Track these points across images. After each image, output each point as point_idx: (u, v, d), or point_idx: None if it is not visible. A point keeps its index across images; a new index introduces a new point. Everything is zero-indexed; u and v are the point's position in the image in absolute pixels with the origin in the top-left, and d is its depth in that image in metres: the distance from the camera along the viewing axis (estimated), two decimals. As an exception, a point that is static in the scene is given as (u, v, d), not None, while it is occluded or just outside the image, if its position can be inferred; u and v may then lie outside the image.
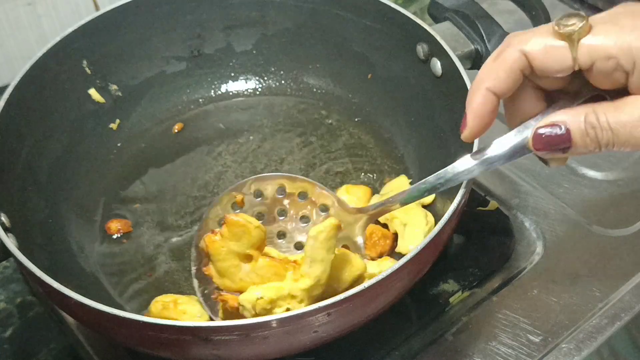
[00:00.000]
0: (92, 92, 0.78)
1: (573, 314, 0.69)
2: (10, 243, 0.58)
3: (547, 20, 0.72)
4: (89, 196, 0.76)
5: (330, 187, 0.76)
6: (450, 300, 0.70)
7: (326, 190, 0.64)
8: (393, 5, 0.75)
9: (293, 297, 0.55)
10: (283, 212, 0.67)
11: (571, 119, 0.45)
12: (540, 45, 0.46)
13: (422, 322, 0.69)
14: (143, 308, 0.67)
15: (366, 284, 0.53)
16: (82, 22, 0.75)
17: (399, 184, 0.75)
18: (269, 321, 0.52)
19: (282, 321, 0.52)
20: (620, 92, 0.46)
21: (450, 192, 0.60)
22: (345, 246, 0.64)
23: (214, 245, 0.58)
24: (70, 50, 0.75)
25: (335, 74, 0.85)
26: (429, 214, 0.71)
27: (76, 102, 0.77)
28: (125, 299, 0.68)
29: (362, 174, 0.77)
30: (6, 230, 0.60)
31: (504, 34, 0.71)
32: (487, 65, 0.48)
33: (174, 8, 0.81)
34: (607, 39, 0.44)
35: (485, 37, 0.71)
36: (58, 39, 0.73)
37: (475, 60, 0.72)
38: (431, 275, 0.64)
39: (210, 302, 0.62)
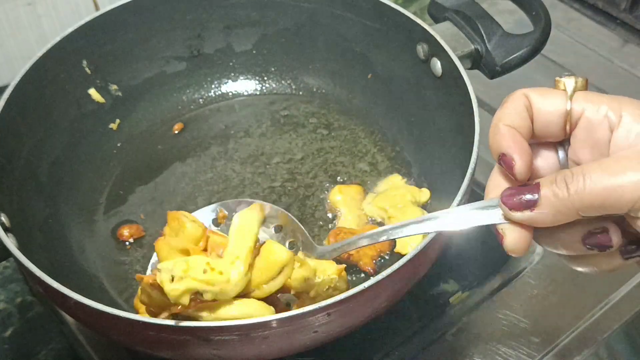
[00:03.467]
0: (92, 92, 0.78)
1: (573, 314, 0.69)
2: (10, 243, 0.58)
3: (547, 20, 0.72)
4: (89, 196, 0.76)
5: (330, 187, 0.76)
6: (450, 300, 0.70)
7: (300, 225, 0.63)
8: (393, 5, 0.75)
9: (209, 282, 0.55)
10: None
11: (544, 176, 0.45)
12: (540, 90, 0.48)
13: (422, 322, 0.69)
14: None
15: (366, 283, 0.53)
16: (82, 22, 0.75)
17: (393, 182, 0.75)
18: (269, 321, 0.52)
19: (282, 321, 0.52)
20: None
21: (449, 192, 0.60)
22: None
23: (158, 244, 0.58)
24: (70, 50, 0.75)
25: (335, 74, 0.85)
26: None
27: (76, 102, 0.77)
28: (125, 299, 0.69)
29: (362, 173, 0.77)
30: (6, 230, 0.60)
31: (504, 34, 0.71)
32: (496, 112, 0.48)
33: (174, 8, 0.81)
34: (600, 95, 0.46)
35: (485, 37, 0.71)
36: (58, 39, 0.73)
37: (475, 60, 0.72)
38: (431, 275, 0.64)
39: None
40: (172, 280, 0.54)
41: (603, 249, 0.44)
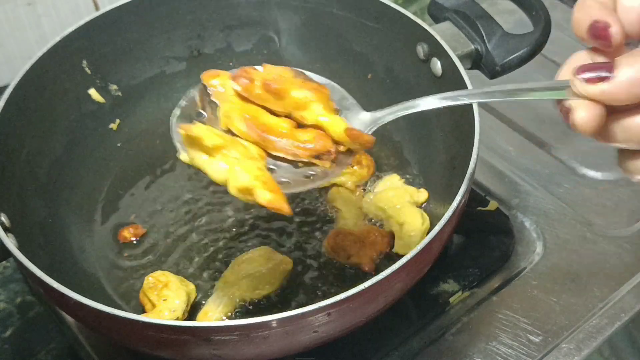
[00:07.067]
0: (92, 92, 0.78)
1: (573, 314, 0.69)
2: (10, 243, 0.58)
3: (547, 20, 0.72)
4: (89, 196, 0.76)
5: (329, 187, 0.76)
6: (450, 300, 0.70)
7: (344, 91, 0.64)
8: (393, 5, 0.75)
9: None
10: None
11: None
12: None
13: (422, 322, 0.69)
14: (143, 309, 0.67)
15: (366, 283, 0.53)
16: (82, 22, 0.75)
17: (391, 182, 0.75)
18: (269, 321, 0.52)
19: (282, 321, 0.52)
20: None
21: (449, 192, 0.60)
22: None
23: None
24: (70, 50, 0.75)
25: (335, 74, 0.84)
26: (425, 214, 0.71)
27: (76, 102, 0.77)
28: (125, 299, 0.69)
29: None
30: (6, 230, 0.60)
31: (504, 34, 0.71)
32: None
33: (174, 8, 0.81)
34: None
35: (485, 37, 0.71)
36: (58, 39, 0.73)
37: (475, 60, 0.72)
38: (431, 275, 0.64)
39: None
40: None
41: None
